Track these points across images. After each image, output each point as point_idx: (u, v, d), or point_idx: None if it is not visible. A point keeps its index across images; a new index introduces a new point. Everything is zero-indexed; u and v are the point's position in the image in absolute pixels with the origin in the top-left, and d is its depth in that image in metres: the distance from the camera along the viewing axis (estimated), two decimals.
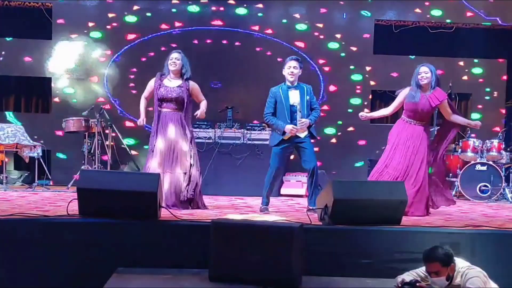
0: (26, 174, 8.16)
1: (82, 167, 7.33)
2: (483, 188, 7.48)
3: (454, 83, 8.18)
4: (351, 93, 9.14)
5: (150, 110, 5.88)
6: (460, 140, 7.98)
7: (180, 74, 5.54)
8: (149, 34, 8.82)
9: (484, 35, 9.28)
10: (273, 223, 4.11)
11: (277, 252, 3.62)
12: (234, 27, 8.94)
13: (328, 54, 9.06)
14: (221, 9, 8.93)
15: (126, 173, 4.61)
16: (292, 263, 3.62)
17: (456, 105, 9.07)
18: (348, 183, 4.74)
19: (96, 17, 8.77)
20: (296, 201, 6.87)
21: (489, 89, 9.35)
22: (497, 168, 7.54)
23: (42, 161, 7.50)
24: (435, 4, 9.13)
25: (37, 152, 7.38)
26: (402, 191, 4.52)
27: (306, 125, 5.45)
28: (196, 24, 8.89)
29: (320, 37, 9.04)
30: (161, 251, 4.12)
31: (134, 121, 8.44)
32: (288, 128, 5.38)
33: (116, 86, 8.78)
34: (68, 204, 4.44)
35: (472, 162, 7.62)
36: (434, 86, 5.49)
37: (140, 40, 8.81)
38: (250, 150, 7.52)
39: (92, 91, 8.76)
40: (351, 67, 9.12)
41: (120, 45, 8.80)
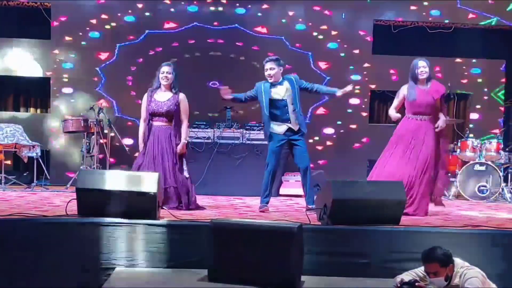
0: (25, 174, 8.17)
1: (81, 167, 7.33)
2: (481, 188, 7.48)
3: (453, 83, 8.19)
4: (350, 93, 9.12)
5: None
6: (459, 140, 7.99)
7: (170, 86, 5.54)
8: (148, 34, 8.82)
9: (483, 35, 9.29)
10: (272, 223, 4.10)
11: (276, 252, 3.62)
12: (233, 27, 8.94)
13: (328, 54, 9.07)
14: (220, 9, 8.94)
15: (125, 173, 4.59)
16: (291, 263, 3.62)
17: (455, 105, 9.16)
18: (347, 183, 4.73)
19: (95, 17, 8.77)
20: (295, 201, 6.87)
21: (487, 89, 9.36)
22: (496, 168, 7.55)
23: (41, 161, 7.50)
24: (434, 4, 9.14)
25: (35, 152, 7.37)
26: (401, 191, 4.53)
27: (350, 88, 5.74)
28: (195, 24, 8.89)
29: (320, 37, 9.05)
30: (160, 251, 4.12)
31: (133, 121, 8.46)
32: None
33: (115, 86, 8.78)
34: (67, 204, 4.44)
35: (471, 162, 7.63)
36: (430, 78, 5.54)
37: (139, 40, 8.82)
38: (249, 150, 7.52)
39: (91, 91, 8.75)
40: (350, 67, 9.13)
41: (119, 45, 8.79)
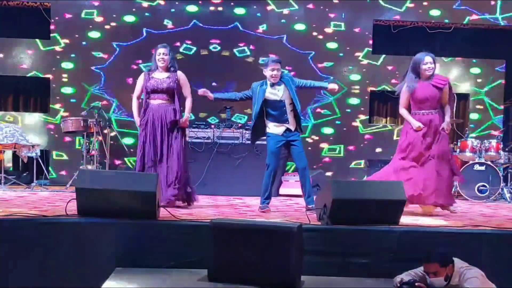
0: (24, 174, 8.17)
1: (80, 167, 7.32)
2: (481, 188, 7.48)
3: (453, 83, 8.20)
4: (349, 93, 9.16)
5: None
6: (459, 140, 7.99)
7: (168, 68, 5.55)
8: (148, 34, 8.82)
9: (483, 35, 9.31)
10: (272, 223, 4.10)
11: (276, 252, 3.62)
12: (232, 27, 8.95)
13: (327, 54, 9.07)
14: (220, 9, 8.94)
15: (125, 173, 4.59)
16: (291, 263, 3.62)
17: (455, 105, 9.16)
18: (347, 183, 4.75)
19: (95, 17, 8.77)
20: (295, 201, 6.86)
21: (487, 89, 9.36)
22: (496, 168, 7.55)
23: (40, 161, 7.49)
24: (433, 4, 9.15)
25: (35, 152, 7.37)
26: (401, 191, 4.52)
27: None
28: (195, 24, 8.89)
29: (319, 37, 9.05)
30: (159, 251, 4.12)
31: (133, 121, 8.45)
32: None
33: (115, 86, 8.78)
34: (67, 204, 4.44)
35: (471, 162, 7.63)
36: (433, 74, 5.37)
37: (139, 40, 8.82)
38: (248, 150, 7.51)
39: (90, 91, 8.75)
40: (350, 67, 9.14)
41: (119, 45, 8.80)
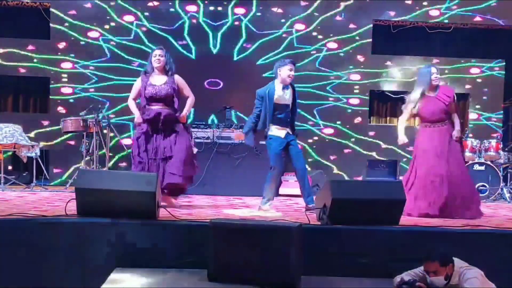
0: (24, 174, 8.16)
1: (80, 167, 7.32)
2: (481, 188, 7.49)
3: (452, 83, 8.20)
4: (349, 93, 9.16)
5: None
6: None
7: (164, 70, 5.52)
8: (147, 34, 8.82)
9: (482, 35, 9.31)
10: (271, 223, 4.10)
11: (276, 252, 3.62)
12: (231, 26, 8.94)
13: (327, 54, 9.07)
14: (219, 9, 8.94)
15: (125, 173, 4.59)
16: (291, 263, 3.62)
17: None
18: (347, 182, 4.75)
19: (94, 16, 8.77)
20: (295, 200, 6.87)
21: (487, 89, 9.37)
22: (495, 168, 7.55)
23: (40, 161, 7.49)
24: (433, 4, 9.15)
25: (35, 152, 7.37)
26: (400, 191, 4.52)
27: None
28: (194, 24, 8.89)
29: (319, 37, 9.06)
30: (159, 251, 4.12)
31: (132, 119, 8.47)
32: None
33: (114, 86, 8.79)
34: (66, 204, 4.43)
35: (470, 162, 7.63)
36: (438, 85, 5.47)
37: (138, 39, 8.82)
38: (248, 150, 7.51)
39: (90, 91, 8.75)
40: (350, 67, 9.14)
41: (119, 45, 8.80)
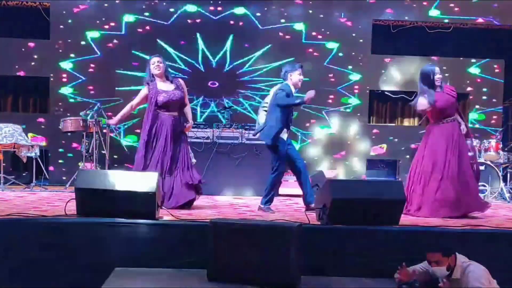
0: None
1: (80, 167, 7.32)
2: (481, 188, 7.47)
3: (452, 83, 8.19)
4: (349, 93, 9.16)
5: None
6: None
7: (165, 76, 5.56)
8: (147, 34, 8.82)
9: (482, 35, 9.31)
10: (271, 222, 4.11)
11: (276, 251, 3.62)
12: (231, 27, 8.94)
13: (326, 54, 9.07)
14: (219, 9, 8.94)
15: (124, 173, 4.59)
16: (291, 263, 3.62)
17: None
18: (346, 182, 4.75)
19: (94, 16, 8.77)
20: (295, 200, 6.86)
21: (486, 89, 9.37)
22: (495, 168, 7.55)
23: (40, 161, 7.48)
24: (433, 4, 9.15)
25: (34, 152, 7.36)
26: (400, 191, 4.52)
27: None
28: (194, 23, 8.89)
29: (318, 37, 9.06)
30: (159, 251, 4.12)
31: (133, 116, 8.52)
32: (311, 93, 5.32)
33: (111, 86, 8.79)
34: (66, 204, 4.44)
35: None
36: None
37: (138, 39, 8.82)
38: (248, 150, 7.52)
39: (90, 91, 8.76)
40: (349, 67, 9.14)
41: (119, 45, 8.80)
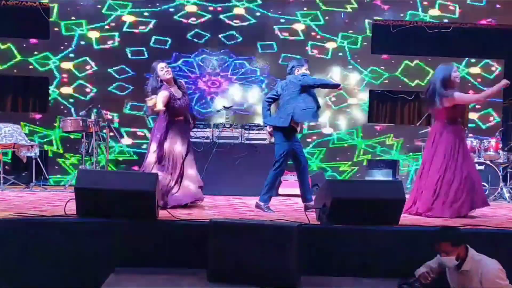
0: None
1: (79, 167, 7.32)
2: None
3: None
4: (349, 93, 9.17)
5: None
6: None
7: (173, 80, 5.56)
8: (147, 34, 8.82)
9: (482, 34, 9.31)
10: (271, 222, 4.10)
11: (276, 251, 3.62)
12: (231, 26, 8.94)
13: (326, 54, 9.07)
14: (219, 9, 8.94)
15: (124, 173, 4.59)
16: (291, 263, 3.62)
17: None
18: (346, 182, 4.75)
19: (94, 16, 8.77)
20: (294, 200, 6.86)
21: (486, 88, 9.35)
22: (495, 167, 7.55)
23: (39, 161, 7.48)
24: (432, 4, 9.16)
25: (34, 152, 7.36)
26: (400, 190, 4.52)
27: None
28: (194, 23, 8.89)
29: (318, 37, 9.06)
30: (159, 251, 4.11)
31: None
32: None
33: (111, 86, 8.79)
34: (66, 204, 4.44)
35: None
36: None
37: (137, 39, 8.82)
38: (248, 150, 7.52)
39: (89, 91, 8.75)
40: (349, 67, 9.15)
41: (118, 45, 8.80)
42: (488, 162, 7.59)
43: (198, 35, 8.90)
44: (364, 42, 9.11)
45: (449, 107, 5.26)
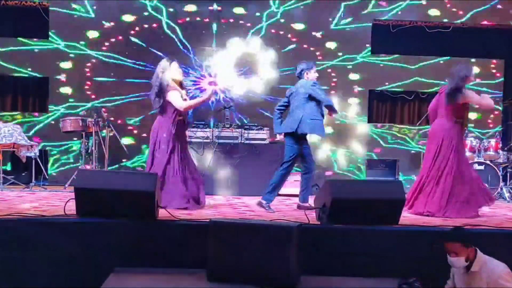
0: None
1: (79, 167, 7.31)
2: None
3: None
4: (349, 93, 9.16)
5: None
6: None
7: (180, 82, 5.61)
8: (146, 34, 8.81)
9: (481, 34, 9.30)
10: (271, 222, 4.10)
11: (276, 251, 3.62)
12: (231, 26, 8.94)
13: (326, 54, 9.07)
14: (219, 9, 8.93)
15: (124, 173, 4.59)
16: (291, 263, 3.62)
17: None
18: (346, 182, 4.75)
19: (93, 16, 8.75)
20: (294, 200, 6.84)
21: (486, 88, 9.36)
22: (495, 167, 7.55)
23: (39, 160, 7.48)
24: (432, 3, 9.15)
25: (34, 152, 7.36)
26: (400, 190, 4.52)
27: None
28: (194, 23, 8.89)
29: (318, 37, 9.05)
30: (159, 251, 4.11)
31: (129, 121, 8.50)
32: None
33: (110, 86, 8.78)
34: (66, 204, 4.44)
35: (470, 161, 7.62)
36: None
37: (138, 39, 8.82)
38: (248, 150, 7.52)
39: (89, 91, 8.74)
40: (349, 67, 9.14)
41: (118, 44, 8.79)
42: (488, 162, 7.59)
43: None
44: (364, 42, 9.10)
45: (460, 106, 5.36)
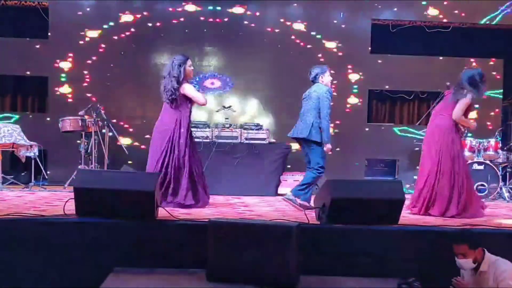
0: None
1: (79, 167, 7.31)
2: (480, 187, 7.48)
3: (451, 82, 8.18)
4: (348, 93, 9.16)
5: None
6: None
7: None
8: (146, 33, 8.81)
9: (481, 34, 9.30)
10: (270, 222, 4.10)
11: (275, 251, 3.61)
12: (231, 26, 8.93)
13: (326, 54, 9.06)
14: (218, 9, 8.93)
15: (124, 173, 4.59)
16: (290, 263, 3.61)
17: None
18: (346, 182, 4.72)
19: (93, 16, 8.76)
20: None
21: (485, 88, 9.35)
22: (494, 167, 7.55)
23: (38, 160, 7.47)
24: (432, 3, 9.15)
25: (33, 152, 7.35)
26: (400, 190, 4.52)
27: None
28: (194, 23, 8.88)
29: (317, 37, 9.05)
30: (158, 250, 4.11)
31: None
32: None
33: (110, 86, 8.78)
34: (65, 204, 4.43)
35: (469, 161, 7.62)
36: None
37: (138, 39, 8.81)
38: (247, 150, 7.52)
39: (89, 91, 8.74)
40: (349, 67, 9.14)
41: (117, 44, 8.78)
42: (487, 162, 7.59)
43: None
44: (363, 42, 9.10)
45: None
